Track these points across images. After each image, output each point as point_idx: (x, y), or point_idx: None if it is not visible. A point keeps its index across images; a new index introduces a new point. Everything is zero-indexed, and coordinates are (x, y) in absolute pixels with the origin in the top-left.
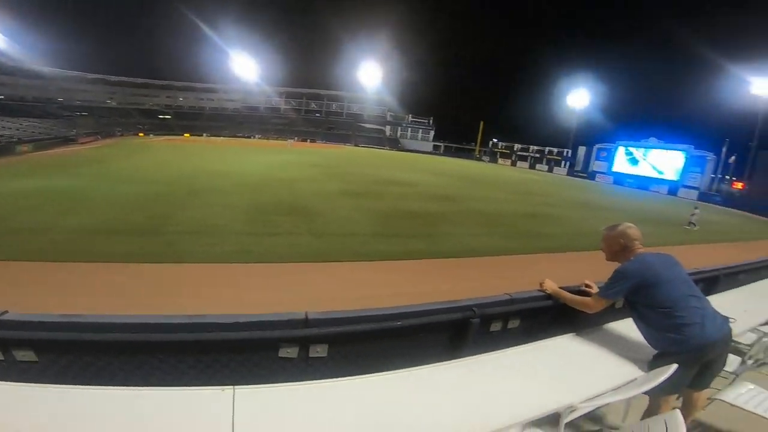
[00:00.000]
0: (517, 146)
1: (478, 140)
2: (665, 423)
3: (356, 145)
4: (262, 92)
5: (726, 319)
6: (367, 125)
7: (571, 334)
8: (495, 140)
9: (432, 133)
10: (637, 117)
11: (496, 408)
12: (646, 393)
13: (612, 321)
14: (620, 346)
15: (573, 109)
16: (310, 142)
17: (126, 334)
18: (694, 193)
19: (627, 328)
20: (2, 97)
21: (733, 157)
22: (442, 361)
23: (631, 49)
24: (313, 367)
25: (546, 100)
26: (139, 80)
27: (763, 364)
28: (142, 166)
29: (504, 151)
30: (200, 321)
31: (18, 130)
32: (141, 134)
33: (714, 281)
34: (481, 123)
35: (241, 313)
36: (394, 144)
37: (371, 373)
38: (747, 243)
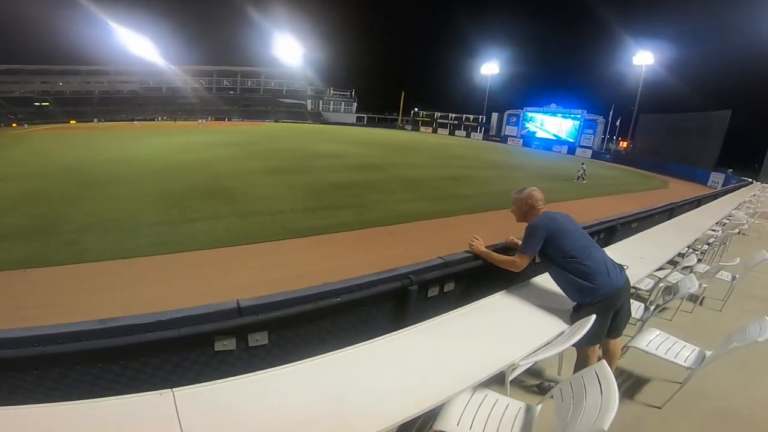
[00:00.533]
0: (437, 114)
1: (400, 110)
2: (596, 374)
3: (277, 121)
4: (164, 71)
5: (621, 266)
6: (288, 100)
7: (501, 291)
8: (416, 109)
9: (355, 105)
10: (541, 84)
11: (446, 374)
12: (573, 345)
13: (534, 276)
14: (544, 300)
15: (486, 77)
16: (226, 120)
17: (31, 348)
18: (588, 152)
19: (547, 281)
20: None
21: (618, 120)
22: (387, 333)
23: (536, 21)
24: (256, 357)
25: (462, 69)
26: (1, 66)
27: (664, 309)
28: (18, 160)
29: (425, 119)
30: (115, 324)
31: None
32: (14, 125)
33: (612, 231)
34: (402, 93)
35: (165, 309)
36: (317, 118)
37: (317, 355)
38: (634, 194)
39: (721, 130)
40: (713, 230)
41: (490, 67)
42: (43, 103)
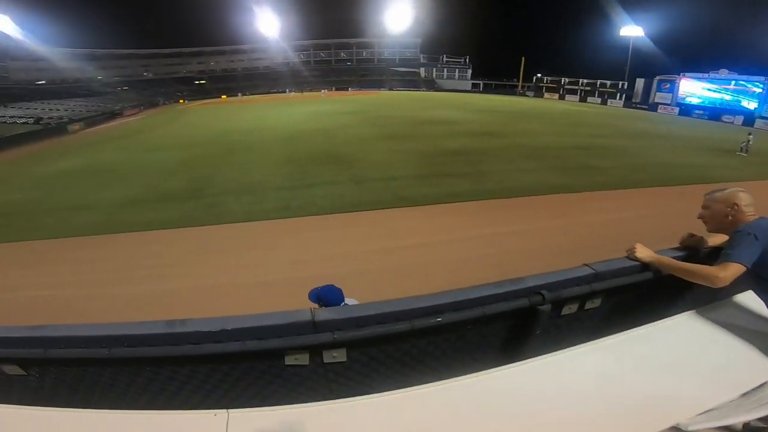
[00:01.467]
0: (564, 80)
1: (521, 75)
2: None
3: (391, 89)
4: (290, 47)
5: None
6: (401, 69)
7: (675, 315)
8: (539, 75)
9: (469, 71)
10: (702, 47)
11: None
12: None
13: (733, 294)
14: (742, 332)
15: (628, 39)
16: (344, 90)
17: (97, 349)
18: None
19: (751, 302)
20: (43, 82)
21: None
22: (499, 363)
23: None
24: (333, 372)
25: (595, 31)
26: (167, 50)
27: None
28: (181, 131)
29: (550, 85)
30: (183, 330)
31: (67, 110)
32: (181, 101)
33: None
34: (522, 58)
35: (242, 314)
36: (431, 85)
37: (407, 383)
38: None
39: None
40: None
41: (632, 29)
42: (201, 81)
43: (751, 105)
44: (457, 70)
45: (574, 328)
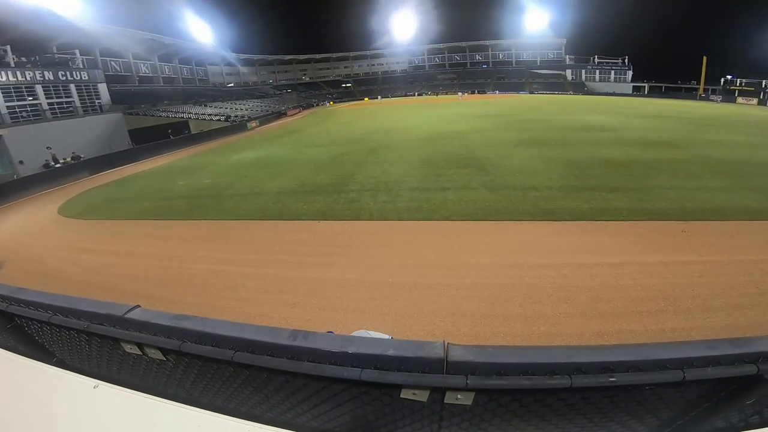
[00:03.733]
0: (765, 82)
1: (702, 77)
2: None
3: (532, 93)
4: (426, 51)
5: None
6: (543, 71)
7: None
8: (729, 77)
9: (629, 73)
10: None
11: None
12: None
13: None
14: None
15: None
16: (480, 93)
17: (226, 350)
18: None
19: None
20: (233, 85)
21: None
22: None
23: None
24: (446, 415)
25: None
26: (319, 56)
27: None
28: (331, 130)
29: (745, 89)
30: (305, 344)
31: (247, 110)
32: (330, 103)
33: None
34: (704, 58)
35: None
36: (579, 88)
37: None
38: None
39: None
40: None
41: None
42: (347, 85)
43: None
44: (612, 71)
45: None
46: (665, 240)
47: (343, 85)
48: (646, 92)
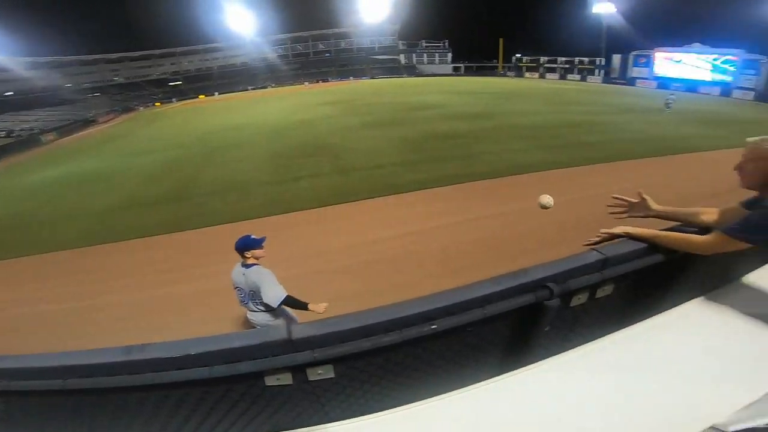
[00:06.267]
0: (543, 59)
1: (500, 56)
2: None
3: (372, 78)
4: (267, 42)
5: None
6: (381, 57)
7: (696, 299)
8: (519, 55)
9: (449, 55)
10: (678, 21)
11: None
12: None
13: (750, 271)
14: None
15: (600, 16)
16: (324, 82)
17: (50, 380)
18: (750, 94)
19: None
20: (11, 93)
21: None
22: (504, 370)
23: None
24: (318, 392)
25: (569, 8)
26: (136, 53)
27: None
28: (160, 134)
29: (530, 64)
30: (142, 357)
31: (38, 121)
32: (158, 104)
33: None
34: (500, 39)
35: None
36: (412, 71)
37: (407, 401)
38: None
39: None
40: None
41: (604, 6)
42: (176, 83)
43: (727, 77)
44: (437, 54)
45: (584, 321)
46: (493, 194)
47: (171, 84)
48: (463, 71)
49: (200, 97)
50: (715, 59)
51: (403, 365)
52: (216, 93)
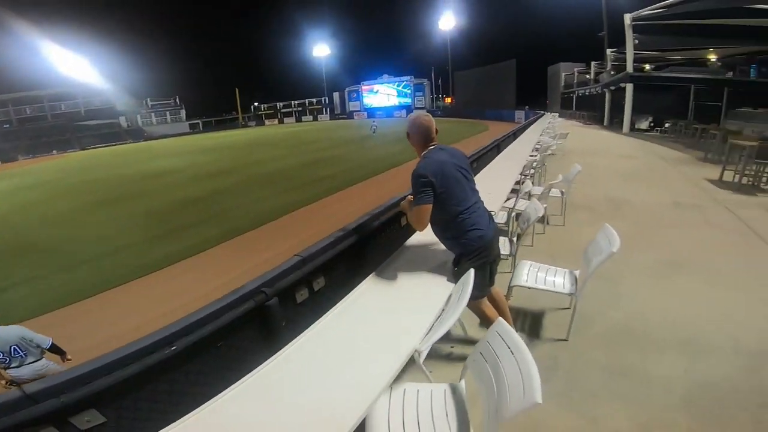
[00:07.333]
0: (279, 104)
1: (238, 107)
2: (499, 335)
3: (84, 149)
4: None
5: (490, 213)
6: (92, 122)
7: (375, 270)
8: (257, 104)
9: (183, 111)
10: (372, 58)
11: (347, 390)
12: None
13: (404, 241)
14: (423, 265)
15: (320, 59)
16: (5, 162)
17: None
18: (423, 111)
19: (419, 241)
20: None
21: (440, 80)
22: (264, 361)
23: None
24: None
25: (294, 55)
26: None
27: (519, 236)
28: None
29: (268, 112)
30: None
31: None
32: None
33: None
34: (236, 90)
35: None
36: (138, 135)
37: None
38: (468, 140)
39: (512, 75)
40: (532, 156)
41: (321, 49)
42: None
43: (407, 100)
44: (167, 112)
45: (313, 309)
46: (251, 246)
47: None
48: (201, 128)
49: None
50: (397, 86)
51: (173, 387)
52: None
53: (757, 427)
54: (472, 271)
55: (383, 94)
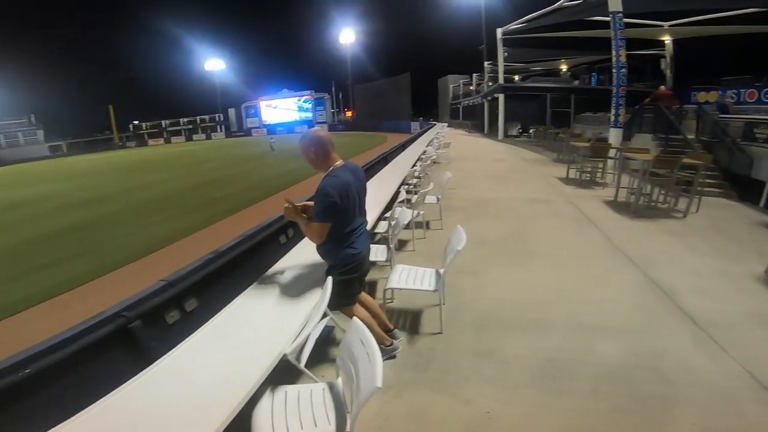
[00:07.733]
0: (165, 122)
1: (113, 126)
2: (355, 334)
3: None
4: None
5: (369, 232)
6: None
7: (252, 285)
8: (137, 122)
9: (41, 132)
10: (270, 73)
11: (216, 388)
12: (334, 309)
13: (281, 256)
14: (299, 276)
15: (212, 73)
16: None
17: None
18: (325, 126)
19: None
20: None
21: (340, 94)
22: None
23: (251, 12)
24: None
25: (181, 71)
26: None
27: (406, 242)
28: None
29: (151, 130)
30: None
31: None
32: None
33: None
34: (110, 107)
35: None
36: None
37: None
38: (366, 153)
39: (407, 88)
40: (415, 167)
41: (215, 63)
42: None
43: (308, 114)
44: (20, 133)
45: (187, 327)
46: (138, 277)
47: None
48: (66, 150)
49: None
50: (297, 101)
51: (46, 411)
52: None
53: (595, 396)
54: (330, 279)
55: (283, 109)
